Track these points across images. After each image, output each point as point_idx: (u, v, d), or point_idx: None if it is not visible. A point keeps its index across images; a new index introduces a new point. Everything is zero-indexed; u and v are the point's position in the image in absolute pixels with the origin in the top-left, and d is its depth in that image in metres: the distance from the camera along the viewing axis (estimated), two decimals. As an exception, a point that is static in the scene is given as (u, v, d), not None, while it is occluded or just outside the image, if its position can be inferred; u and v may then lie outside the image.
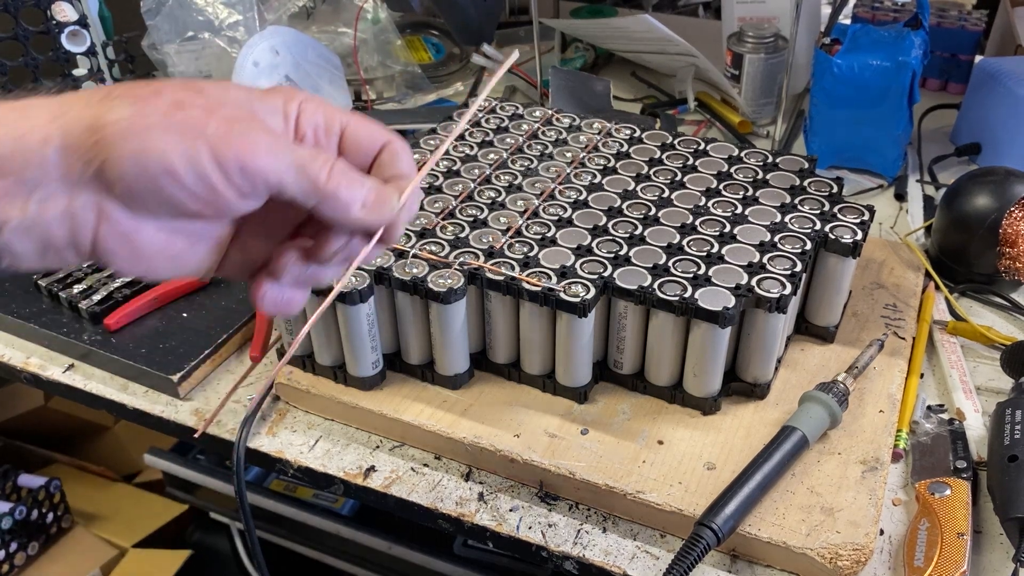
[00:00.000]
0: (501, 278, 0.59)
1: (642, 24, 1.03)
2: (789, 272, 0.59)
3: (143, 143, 0.34)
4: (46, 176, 0.35)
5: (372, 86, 1.12)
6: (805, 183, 0.68)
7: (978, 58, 1.06)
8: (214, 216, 0.37)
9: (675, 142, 0.75)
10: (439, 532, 0.62)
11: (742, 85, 1.02)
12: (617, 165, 0.72)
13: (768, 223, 0.64)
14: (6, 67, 0.93)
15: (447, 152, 0.74)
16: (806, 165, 0.71)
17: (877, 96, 0.87)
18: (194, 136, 0.35)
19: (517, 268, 0.60)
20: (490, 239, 0.63)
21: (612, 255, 0.61)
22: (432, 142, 0.74)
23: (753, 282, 0.58)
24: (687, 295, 0.57)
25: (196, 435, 0.67)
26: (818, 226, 0.64)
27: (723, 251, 0.61)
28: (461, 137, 0.75)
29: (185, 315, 0.75)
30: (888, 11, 1.11)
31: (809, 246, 0.62)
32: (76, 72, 0.99)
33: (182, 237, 0.38)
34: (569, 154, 0.73)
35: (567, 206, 0.66)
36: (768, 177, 0.69)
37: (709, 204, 0.66)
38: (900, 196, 0.91)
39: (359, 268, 0.59)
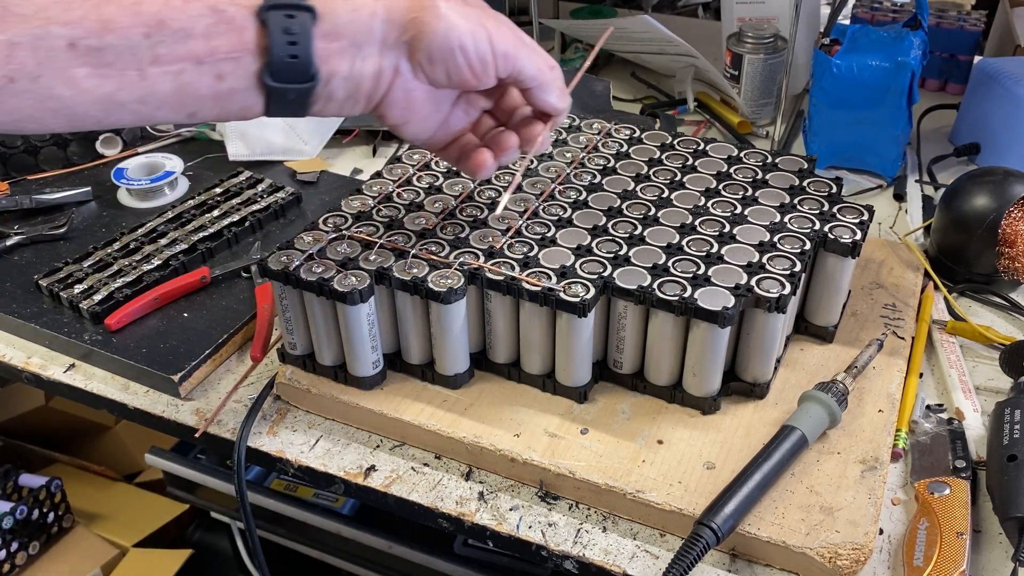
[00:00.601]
0: (501, 278, 0.59)
1: (642, 24, 1.03)
2: (788, 272, 0.59)
3: (448, 24, 0.50)
4: (369, 40, 0.50)
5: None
6: (804, 183, 0.69)
7: (977, 58, 1.06)
8: (466, 86, 0.54)
9: (675, 142, 0.75)
10: (439, 532, 0.62)
11: (742, 85, 1.02)
12: (617, 165, 0.72)
13: (767, 223, 0.64)
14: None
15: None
16: (805, 165, 0.71)
17: (876, 96, 0.87)
18: (481, 26, 0.51)
19: (517, 268, 0.60)
20: (490, 239, 0.63)
21: (612, 255, 0.61)
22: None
23: (753, 282, 0.58)
24: (687, 295, 0.57)
25: (197, 435, 0.67)
26: (817, 226, 0.64)
27: (723, 251, 0.61)
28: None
29: (185, 315, 0.75)
30: (887, 11, 1.11)
31: (808, 246, 0.62)
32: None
33: (433, 102, 0.56)
34: (569, 154, 0.73)
35: (567, 206, 0.66)
36: (767, 177, 0.70)
37: (709, 204, 0.66)
38: (899, 196, 0.92)
39: (360, 268, 0.60)
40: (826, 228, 0.63)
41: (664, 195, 0.68)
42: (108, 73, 0.45)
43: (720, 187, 0.68)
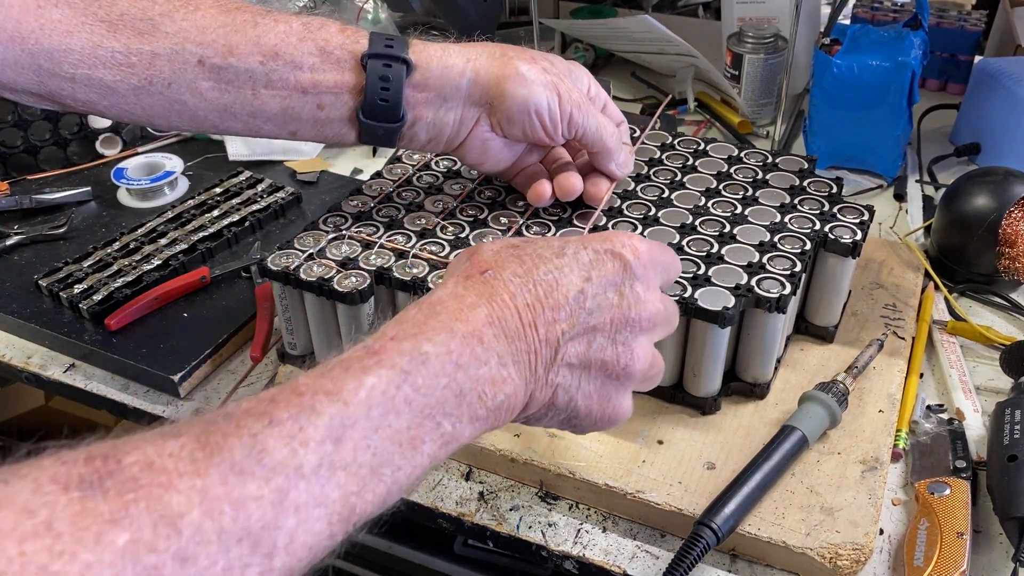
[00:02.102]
0: (501, 278, 0.59)
1: (642, 24, 1.03)
2: (789, 272, 0.59)
3: (528, 91, 0.57)
4: (455, 95, 0.58)
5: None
6: (805, 183, 0.69)
7: (977, 58, 1.06)
8: (540, 143, 0.61)
9: (675, 142, 0.75)
10: (439, 532, 0.62)
11: (742, 85, 1.02)
12: (617, 165, 0.72)
13: (768, 223, 0.64)
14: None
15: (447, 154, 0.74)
16: (806, 165, 0.71)
17: (877, 96, 0.87)
18: (554, 93, 0.58)
19: (517, 268, 0.60)
20: (490, 239, 0.63)
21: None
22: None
23: (753, 282, 0.58)
24: (687, 295, 0.57)
25: (197, 435, 0.67)
26: (818, 226, 0.64)
27: (723, 251, 0.61)
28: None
29: (185, 315, 0.75)
30: (888, 11, 1.11)
31: (809, 246, 0.62)
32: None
33: (508, 147, 0.62)
34: (569, 154, 0.73)
35: (567, 206, 0.66)
36: (768, 177, 0.70)
37: (709, 204, 0.66)
38: (900, 196, 0.92)
39: (360, 268, 0.60)
40: (826, 228, 0.63)
41: (664, 195, 0.68)
42: (227, 89, 0.56)
43: (720, 187, 0.68)
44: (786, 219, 0.64)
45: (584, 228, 0.63)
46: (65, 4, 0.54)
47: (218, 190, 0.89)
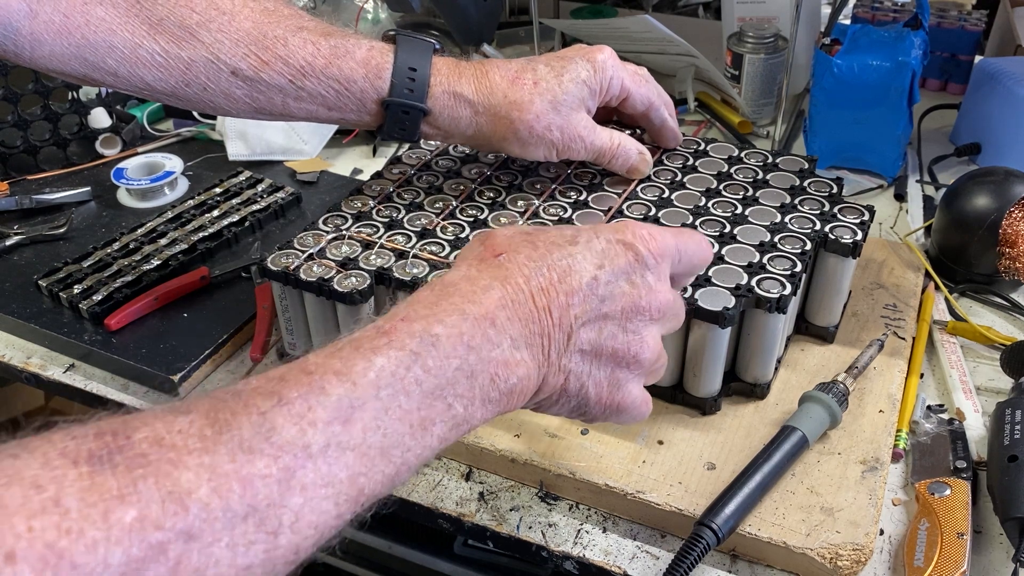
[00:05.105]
0: (501, 278, 0.59)
1: (642, 24, 1.03)
2: (789, 272, 0.59)
3: (524, 152, 0.64)
4: (463, 138, 0.65)
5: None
6: (805, 183, 0.68)
7: (978, 58, 1.06)
8: (569, 156, 0.66)
9: (675, 142, 0.75)
10: (439, 532, 0.62)
11: (742, 85, 1.02)
12: (617, 165, 0.71)
13: (768, 223, 0.64)
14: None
15: (447, 152, 0.74)
16: (806, 165, 0.71)
17: (877, 96, 0.87)
18: (552, 148, 0.64)
19: (517, 268, 0.60)
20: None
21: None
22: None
23: (753, 282, 0.58)
24: (687, 295, 0.57)
25: (196, 435, 0.67)
26: (818, 226, 0.64)
27: (723, 251, 0.61)
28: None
29: (185, 315, 0.75)
30: (888, 11, 1.11)
31: (809, 246, 0.62)
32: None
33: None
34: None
35: (567, 206, 0.66)
36: (768, 177, 0.69)
37: (709, 204, 0.66)
38: (900, 196, 0.91)
39: (360, 268, 0.60)
40: (827, 228, 0.63)
41: (665, 195, 0.67)
42: (258, 98, 0.60)
43: (721, 187, 0.68)
44: (786, 219, 0.64)
45: (602, 212, 0.64)
46: (109, 3, 0.56)
47: (218, 190, 0.89)
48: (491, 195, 0.68)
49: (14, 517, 0.26)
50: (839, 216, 0.65)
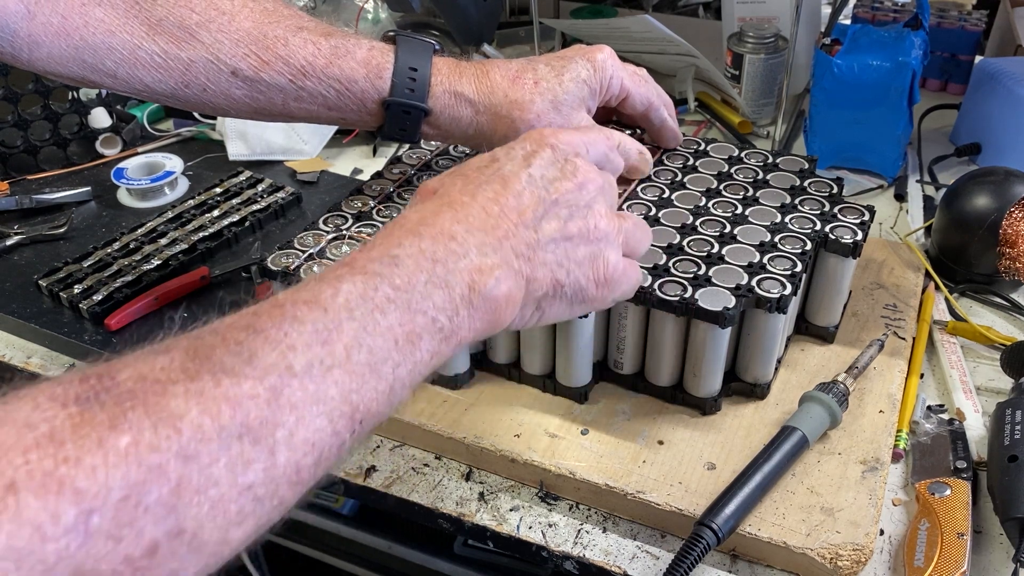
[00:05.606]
0: (501, 278, 0.59)
1: (642, 24, 1.03)
2: (789, 272, 0.59)
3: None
4: (459, 134, 0.64)
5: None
6: (805, 183, 0.68)
7: (978, 58, 1.06)
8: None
9: (675, 142, 0.75)
10: (439, 532, 0.62)
11: (742, 85, 1.02)
12: (617, 165, 0.71)
13: (768, 223, 0.64)
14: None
15: (447, 152, 0.74)
16: (806, 165, 0.71)
17: (877, 96, 0.87)
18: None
19: (517, 268, 0.60)
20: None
21: (612, 255, 0.61)
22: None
23: (753, 282, 0.58)
24: (687, 295, 0.57)
25: (197, 435, 0.67)
26: (818, 226, 0.64)
27: (723, 251, 0.61)
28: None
29: (185, 315, 0.75)
30: (888, 11, 1.11)
31: (809, 246, 0.62)
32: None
33: None
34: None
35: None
36: (768, 177, 0.69)
37: (709, 204, 0.66)
38: (900, 196, 0.91)
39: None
40: (827, 228, 0.63)
41: (665, 195, 0.67)
42: (259, 98, 0.60)
43: (721, 187, 0.68)
44: (786, 219, 0.64)
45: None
46: (108, 4, 0.56)
47: (218, 190, 0.89)
48: (491, 195, 0.68)
49: (10, 452, 0.27)
50: (839, 216, 0.65)
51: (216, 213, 0.86)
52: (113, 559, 0.28)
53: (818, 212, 0.65)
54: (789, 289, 0.58)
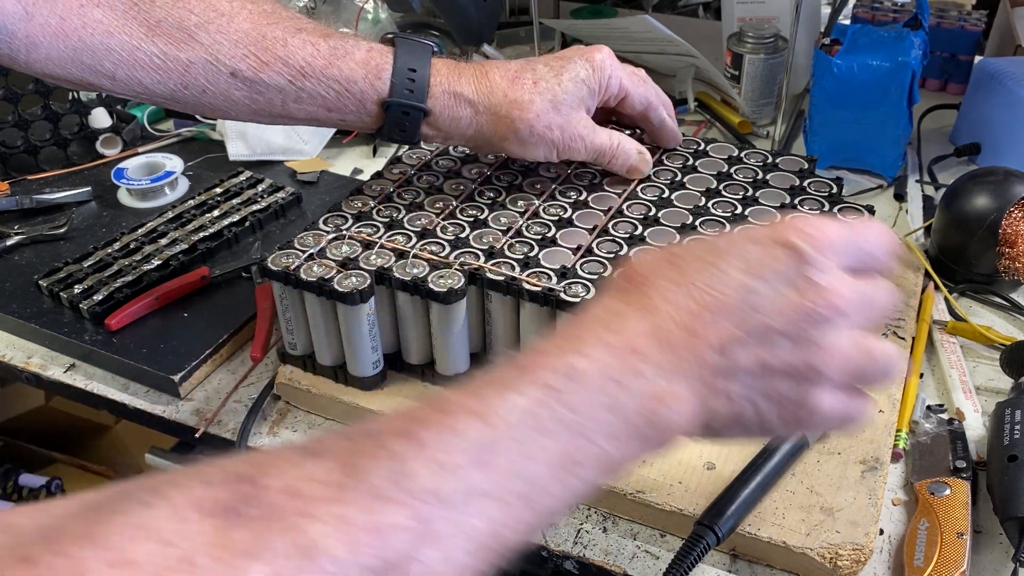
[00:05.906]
0: (501, 278, 0.59)
1: (642, 24, 1.03)
2: (789, 272, 0.59)
3: (525, 152, 0.64)
4: (463, 138, 0.65)
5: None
6: (805, 183, 0.69)
7: (978, 58, 1.06)
8: (571, 157, 0.67)
9: (675, 142, 0.75)
10: (439, 532, 0.62)
11: (742, 85, 1.02)
12: (617, 165, 0.71)
13: (768, 223, 0.64)
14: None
15: (447, 152, 0.74)
16: (806, 165, 0.71)
17: (877, 96, 0.87)
18: (552, 148, 0.64)
19: (517, 268, 0.60)
20: (490, 239, 0.63)
21: (612, 255, 0.61)
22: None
23: (753, 282, 0.58)
24: (687, 295, 0.57)
25: (197, 435, 0.67)
26: (818, 226, 0.63)
27: (723, 251, 0.61)
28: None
29: (185, 315, 0.75)
30: (888, 11, 1.11)
31: (809, 246, 0.62)
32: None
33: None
34: (569, 154, 0.73)
35: (567, 206, 0.66)
36: (768, 177, 0.69)
37: (709, 204, 0.66)
38: (900, 196, 0.91)
39: (360, 268, 0.60)
40: (826, 228, 0.63)
41: (665, 195, 0.68)
42: (258, 99, 0.60)
43: (721, 187, 0.68)
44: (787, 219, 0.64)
45: (602, 212, 0.64)
46: (107, 5, 0.56)
47: (218, 190, 0.89)
48: (491, 195, 0.68)
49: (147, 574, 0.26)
50: (839, 216, 0.65)
51: (216, 213, 0.86)
52: None
53: (818, 212, 0.65)
54: (789, 289, 0.58)
